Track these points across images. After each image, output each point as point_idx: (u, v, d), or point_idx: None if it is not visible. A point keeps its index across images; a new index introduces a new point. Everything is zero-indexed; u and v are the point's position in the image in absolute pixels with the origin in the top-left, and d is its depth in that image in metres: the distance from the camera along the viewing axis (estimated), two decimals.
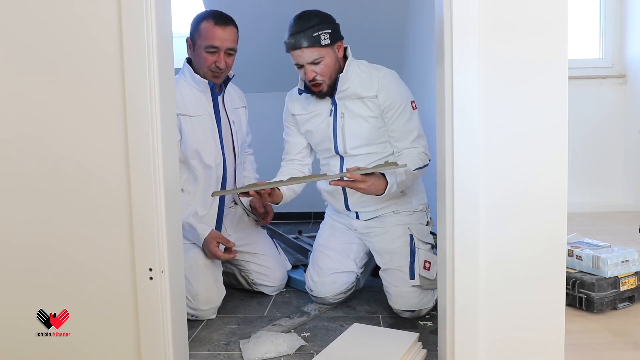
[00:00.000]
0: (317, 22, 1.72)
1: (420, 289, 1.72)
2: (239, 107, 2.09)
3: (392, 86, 1.79)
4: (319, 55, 1.72)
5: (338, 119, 1.83)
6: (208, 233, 1.83)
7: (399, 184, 1.69)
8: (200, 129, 1.87)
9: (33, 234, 1.23)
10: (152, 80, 1.15)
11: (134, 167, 1.17)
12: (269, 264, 2.03)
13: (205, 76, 1.86)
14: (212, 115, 1.91)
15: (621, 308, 1.70)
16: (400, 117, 1.78)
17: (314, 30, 1.71)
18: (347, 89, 1.80)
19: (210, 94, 1.91)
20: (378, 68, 1.83)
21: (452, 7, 1.11)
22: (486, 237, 1.15)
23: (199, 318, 1.77)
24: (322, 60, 1.73)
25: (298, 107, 1.93)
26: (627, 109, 3.46)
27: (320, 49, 1.72)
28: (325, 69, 1.75)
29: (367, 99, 1.79)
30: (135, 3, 1.13)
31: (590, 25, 3.55)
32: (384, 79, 1.79)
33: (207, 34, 1.81)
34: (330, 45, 1.74)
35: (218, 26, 1.81)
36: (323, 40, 1.71)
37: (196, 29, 1.84)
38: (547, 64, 1.13)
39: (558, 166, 1.15)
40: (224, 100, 1.98)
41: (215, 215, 1.94)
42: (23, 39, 1.19)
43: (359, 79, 1.80)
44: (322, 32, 1.71)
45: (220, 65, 1.83)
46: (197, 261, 1.82)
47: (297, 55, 1.74)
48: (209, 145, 1.89)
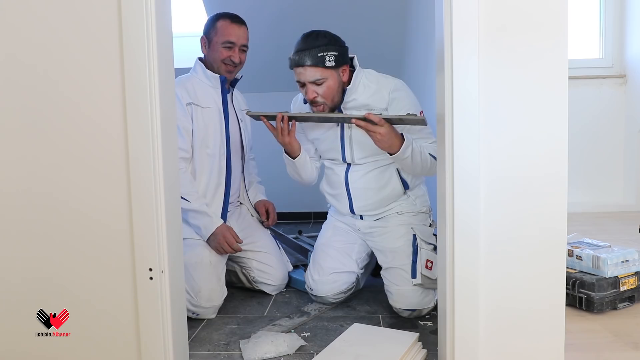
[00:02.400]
0: (324, 43, 1.70)
1: (421, 287, 1.72)
2: (244, 109, 2.14)
3: (403, 97, 1.76)
4: (322, 76, 1.70)
5: (345, 130, 1.82)
6: (221, 223, 1.88)
7: (413, 150, 1.66)
8: (209, 119, 1.95)
9: (34, 241, 1.23)
10: (152, 80, 1.15)
11: (134, 167, 1.17)
12: (271, 262, 2.04)
13: (219, 71, 1.96)
14: (221, 109, 1.98)
15: (621, 308, 1.70)
16: (412, 127, 1.74)
17: (320, 50, 1.69)
18: (354, 100, 1.78)
19: (220, 90, 1.99)
20: (387, 78, 1.81)
21: (452, 11, 1.11)
22: (486, 237, 1.16)
23: (199, 316, 1.78)
24: (324, 81, 1.71)
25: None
26: (627, 109, 3.46)
27: (323, 70, 1.70)
28: (327, 91, 1.73)
29: (376, 110, 1.73)
30: (135, 3, 1.13)
31: (590, 25, 3.54)
32: (395, 90, 1.76)
33: (225, 30, 1.93)
34: (335, 67, 1.72)
35: (234, 24, 1.95)
36: (328, 61, 1.69)
37: (212, 27, 1.96)
38: (547, 65, 1.13)
39: (558, 166, 1.15)
40: (232, 99, 2.06)
41: (219, 209, 1.96)
42: (22, 32, 1.19)
43: (367, 91, 1.78)
44: (327, 54, 1.69)
45: (234, 60, 1.94)
46: (202, 259, 1.84)
47: (299, 73, 1.72)
48: (215, 135, 1.95)
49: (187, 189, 1.84)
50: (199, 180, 1.93)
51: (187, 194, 1.83)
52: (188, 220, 1.86)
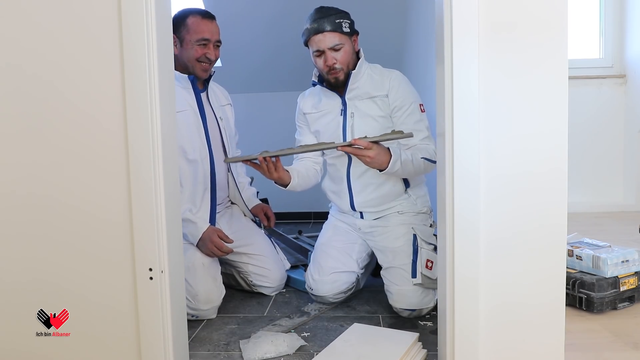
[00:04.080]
0: (337, 12, 1.81)
1: (421, 287, 1.72)
2: (224, 105, 2.10)
3: (402, 85, 1.83)
4: (340, 41, 1.78)
5: (348, 118, 1.86)
6: (207, 227, 1.84)
7: (403, 162, 1.69)
8: (184, 124, 1.87)
9: (35, 241, 1.23)
10: (152, 80, 1.15)
11: (134, 167, 1.17)
12: (267, 264, 2.02)
13: (194, 70, 1.89)
14: (197, 110, 1.93)
15: (621, 308, 1.70)
16: (410, 117, 1.80)
17: (336, 17, 1.78)
18: (357, 88, 1.83)
19: (192, 90, 1.92)
20: (390, 70, 1.88)
21: (452, 7, 1.11)
22: (486, 234, 1.16)
23: (199, 318, 1.78)
24: (342, 47, 1.79)
25: (309, 106, 1.97)
26: (627, 109, 3.46)
27: (341, 35, 1.78)
28: (344, 56, 1.80)
29: (378, 97, 1.82)
30: (135, 3, 1.13)
31: (590, 25, 3.54)
32: (395, 79, 1.83)
33: (198, 27, 1.86)
34: (349, 34, 1.80)
35: (206, 19, 1.88)
36: (344, 27, 1.79)
37: (182, 25, 1.87)
38: (547, 64, 1.13)
39: (558, 162, 1.15)
40: (209, 97, 2.00)
41: (207, 214, 1.92)
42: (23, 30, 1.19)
43: (370, 80, 1.84)
44: (343, 20, 1.79)
45: (210, 57, 1.89)
46: (194, 262, 1.82)
47: (318, 40, 1.78)
48: (193, 139, 1.89)
49: None
50: (185, 187, 1.87)
51: None
52: None
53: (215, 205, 1.95)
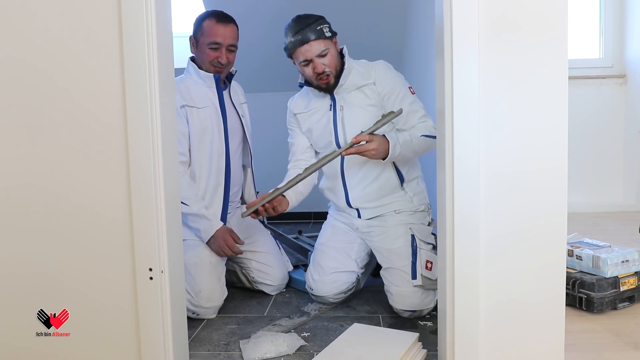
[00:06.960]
0: (315, 19, 1.80)
1: (422, 289, 1.72)
2: (242, 103, 2.13)
3: (388, 72, 1.86)
4: (325, 46, 1.79)
5: (337, 112, 1.87)
6: (220, 226, 1.87)
7: (402, 144, 1.71)
8: (205, 119, 1.92)
9: (35, 241, 1.23)
10: (152, 79, 1.15)
11: (134, 167, 1.17)
12: (271, 262, 2.03)
13: (208, 71, 1.93)
14: (218, 107, 1.96)
15: (621, 308, 1.70)
16: (403, 100, 1.81)
17: (316, 24, 1.78)
18: (345, 83, 1.85)
19: (215, 88, 1.96)
20: (375, 62, 1.90)
21: (452, 6, 1.11)
22: (486, 233, 1.15)
23: (199, 316, 1.78)
24: (328, 51, 1.79)
25: (299, 106, 1.98)
26: (627, 109, 3.46)
27: (325, 41, 1.79)
28: (331, 60, 1.81)
29: (365, 86, 1.84)
30: (135, 3, 1.13)
31: (590, 25, 3.54)
32: (380, 67, 1.86)
33: (210, 31, 1.88)
34: (331, 38, 1.81)
35: (220, 24, 1.88)
36: (326, 32, 1.79)
37: (199, 27, 1.91)
38: (547, 63, 1.13)
39: (558, 160, 1.15)
40: (230, 95, 2.04)
41: (219, 209, 1.95)
42: (23, 31, 1.19)
43: (357, 73, 1.86)
44: (323, 26, 1.80)
45: (222, 61, 1.90)
46: (202, 259, 1.84)
47: (305, 51, 1.77)
48: (213, 134, 1.93)
49: (186, 193, 1.83)
50: (199, 182, 1.91)
51: (186, 198, 1.82)
52: (188, 224, 1.85)
53: (227, 203, 1.98)
